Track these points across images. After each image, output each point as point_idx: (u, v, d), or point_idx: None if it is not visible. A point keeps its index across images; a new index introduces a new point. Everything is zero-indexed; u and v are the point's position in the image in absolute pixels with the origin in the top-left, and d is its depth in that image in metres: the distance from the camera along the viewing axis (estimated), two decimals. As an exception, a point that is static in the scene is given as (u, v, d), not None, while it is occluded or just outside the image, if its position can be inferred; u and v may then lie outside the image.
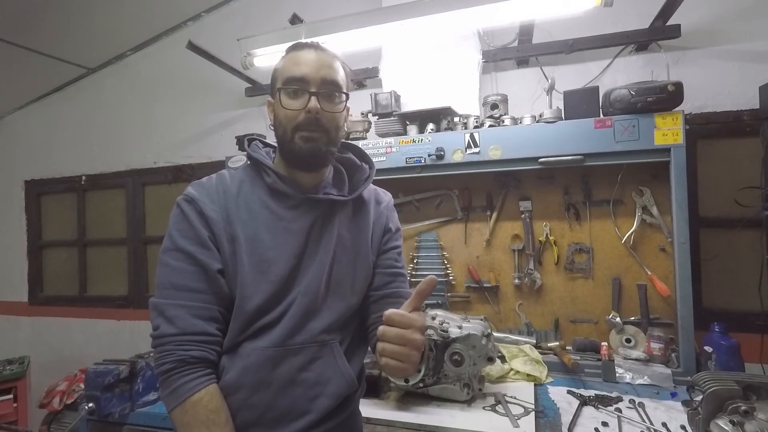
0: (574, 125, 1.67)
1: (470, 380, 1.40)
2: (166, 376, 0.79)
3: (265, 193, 0.90)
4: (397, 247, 1.05)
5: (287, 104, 0.87)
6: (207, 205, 0.85)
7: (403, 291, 1.01)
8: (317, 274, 0.89)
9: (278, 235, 0.87)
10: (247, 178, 0.93)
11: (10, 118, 3.54)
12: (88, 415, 1.48)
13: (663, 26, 1.87)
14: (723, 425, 1.05)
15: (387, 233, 1.03)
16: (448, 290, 2.05)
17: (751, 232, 1.80)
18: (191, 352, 0.79)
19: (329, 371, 0.88)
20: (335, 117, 0.89)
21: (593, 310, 1.85)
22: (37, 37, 2.76)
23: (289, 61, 0.89)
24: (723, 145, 1.92)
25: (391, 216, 1.06)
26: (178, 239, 0.84)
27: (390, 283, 1.00)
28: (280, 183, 0.89)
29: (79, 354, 3.14)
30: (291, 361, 0.85)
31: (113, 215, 3.20)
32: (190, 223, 0.84)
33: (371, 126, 2.06)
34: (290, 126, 0.87)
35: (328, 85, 0.88)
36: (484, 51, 2.09)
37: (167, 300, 0.81)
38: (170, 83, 2.98)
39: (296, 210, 0.90)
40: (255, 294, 0.84)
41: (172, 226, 0.86)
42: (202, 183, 0.90)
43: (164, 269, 0.84)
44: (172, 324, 0.80)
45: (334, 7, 2.19)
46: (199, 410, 0.77)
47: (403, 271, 1.04)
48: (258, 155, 0.93)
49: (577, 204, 1.88)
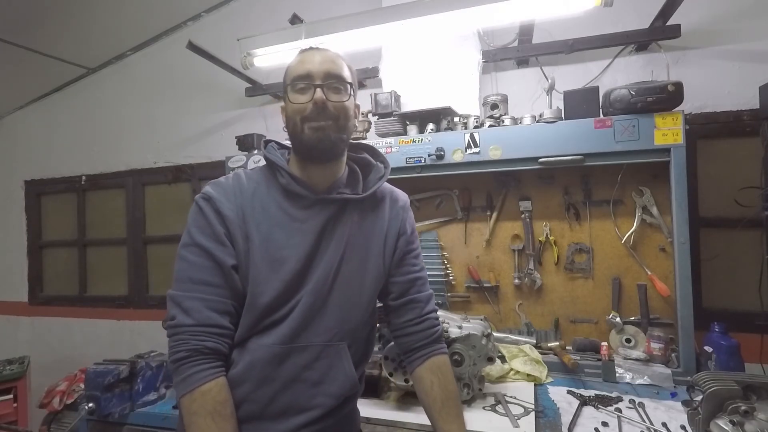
0: (574, 125, 1.67)
1: (470, 380, 1.40)
2: (179, 364, 0.81)
3: (279, 194, 0.92)
4: (414, 249, 1.06)
5: (295, 99, 0.90)
6: (224, 204, 0.88)
7: (421, 296, 1.04)
8: (325, 272, 0.90)
9: (292, 235, 0.89)
10: (263, 179, 0.95)
11: (10, 118, 3.54)
12: (88, 415, 1.48)
13: (663, 26, 1.87)
14: (723, 425, 1.05)
15: (403, 235, 1.03)
16: (448, 290, 2.05)
17: (751, 232, 1.80)
18: (205, 343, 0.82)
19: (334, 371, 0.90)
20: (343, 106, 0.91)
21: (593, 310, 1.85)
22: (37, 37, 2.76)
23: (295, 63, 0.93)
24: (723, 145, 1.92)
25: (407, 217, 1.07)
26: (196, 235, 0.87)
27: (409, 289, 1.03)
28: (294, 184, 0.91)
29: (79, 354, 3.14)
30: (296, 359, 0.87)
31: (113, 215, 3.20)
32: (208, 221, 0.87)
33: (371, 126, 2.06)
34: (299, 118, 0.89)
35: (332, 78, 0.90)
36: (484, 51, 2.09)
37: (184, 292, 0.84)
38: (170, 83, 2.98)
39: (309, 210, 0.92)
40: (266, 291, 0.86)
41: (190, 223, 0.89)
42: (219, 182, 0.93)
43: (182, 263, 0.87)
44: (188, 315, 0.82)
45: (334, 7, 2.18)
46: (207, 400, 0.79)
47: (420, 273, 1.06)
48: (273, 157, 0.95)
49: (577, 204, 1.88)
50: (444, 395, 0.97)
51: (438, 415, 0.96)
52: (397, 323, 1.03)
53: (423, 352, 1.01)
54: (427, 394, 0.98)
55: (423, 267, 1.07)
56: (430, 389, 0.97)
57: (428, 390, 0.97)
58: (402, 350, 1.05)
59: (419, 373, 1.00)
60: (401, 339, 1.04)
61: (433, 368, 0.99)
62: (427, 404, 0.98)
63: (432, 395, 0.97)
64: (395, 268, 1.02)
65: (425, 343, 1.01)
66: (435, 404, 0.96)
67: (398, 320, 1.03)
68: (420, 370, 1.00)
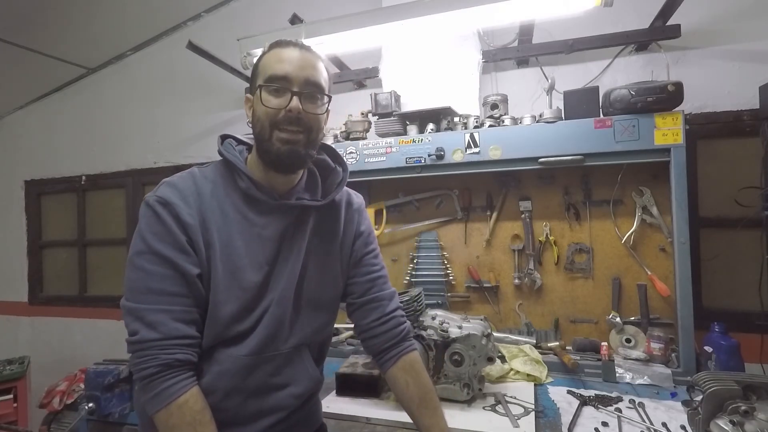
0: (574, 125, 1.67)
1: (470, 380, 1.40)
2: (148, 380, 0.77)
3: (238, 197, 0.88)
4: (372, 250, 1.06)
5: (268, 102, 0.84)
6: (183, 210, 0.82)
7: (383, 294, 1.03)
8: (289, 283, 0.90)
9: (251, 242, 0.87)
10: (219, 179, 0.89)
11: (10, 118, 3.55)
12: (88, 415, 1.48)
13: (663, 26, 1.87)
14: (723, 425, 1.05)
15: (358, 237, 1.03)
16: (448, 290, 2.05)
17: (751, 232, 1.79)
18: (175, 356, 0.78)
19: (298, 374, 0.93)
20: (317, 118, 0.88)
21: (593, 310, 1.85)
22: (37, 37, 2.76)
23: (272, 58, 0.86)
24: (723, 145, 1.92)
25: (362, 219, 1.06)
26: (154, 243, 0.80)
27: (369, 289, 1.03)
28: (254, 189, 0.87)
29: (79, 354, 3.14)
30: (264, 368, 0.88)
31: (113, 215, 3.20)
32: (167, 228, 0.80)
33: (371, 126, 2.06)
34: (268, 123, 0.84)
35: (311, 86, 0.86)
36: (484, 51, 2.09)
37: (145, 305, 0.79)
38: (170, 83, 2.98)
39: (269, 216, 0.89)
40: (228, 300, 0.84)
41: (143, 229, 0.81)
42: (175, 184, 0.85)
43: (138, 273, 0.80)
44: (153, 329, 0.78)
45: (334, 7, 2.18)
46: (185, 412, 0.78)
47: (381, 272, 1.05)
48: (231, 156, 0.89)
49: (577, 204, 1.88)
50: (421, 392, 0.98)
51: (417, 412, 0.97)
52: (362, 325, 1.02)
53: (393, 352, 1.01)
54: (403, 393, 0.99)
55: (383, 266, 1.07)
56: (406, 388, 0.98)
57: (404, 389, 0.99)
58: (372, 353, 1.04)
59: (393, 373, 1.00)
60: (369, 341, 1.03)
61: (406, 367, 1.00)
62: (406, 403, 0.99)
63: (409, 394, 0.98)
64: (354, 268, 1.02)
65: (394, 342, 1.01)
66: (413, 402, 0.98)
67: (363, 321, 1.02)
68: (393, 371, 1.00)
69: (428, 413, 0.97)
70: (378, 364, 1.04)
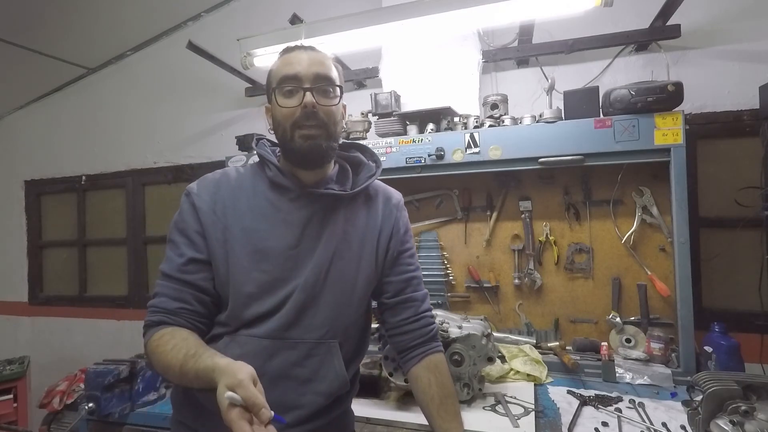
0: (574, 125, 1.67)
1: (470, 380, 1.40)
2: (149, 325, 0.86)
3: (266, 186, 0.93)
4: (409, 249, 1.06)
5: (283, 103, 0.88)
6: (200, 197, 0.91)
7: (417, 294, 1.03)
8: (316, 269, 0.90)
9: (275, 226, 0.90)
10: (252, 174, 0.96)
11: (10, 118, 3.54)
12: (88, 415, 1.48)
13: (663, 26, 1.87)
14: (723, 425, 1.05)
15: (396, 234, 1.02)
16: (448, 290, 2.05)
17: (751, 232, 1.80)
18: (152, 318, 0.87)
19: (324, 370, 0.90)
20: (332, 111, 0.90)
21: (593, 310, 1.85)
22: (37, 37, 2.76)
23: (282, 63, 0.91)
24: (723, 145, 1.92)
25: (401, 216, 1.06)
26: (172, 230, 0.92)
27: (404, 288, 1.02)
28: (281, 176, 0.92)
29: (79, 354, 3.14)
30: (285, 355, 0.87)
31: (113, 215, 3.20)
32: (183, 215, 0.91)
33: (371, 126, 2.06)
34: (288, 124, 0.88)
35: (321, 80, 0.89)
36: (484, 51, 2.09)
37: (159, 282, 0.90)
38: (170, 83, 2.98)
39: (296, 203, 0.92)
40: (247, 281, 0.87)
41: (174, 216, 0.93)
42: (205, 177, 0.95)
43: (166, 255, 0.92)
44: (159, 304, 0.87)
45: (334, 7, 2.18)
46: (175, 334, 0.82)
47: (416, 273, 1.05)
48: (263, 151, 0.95)
49: (577, 204, 1.88)
50: (442, 393, 0.96)
51: (436, 413, 0.95)
52: (392, 322, 1.03)
53: (419, 351, 1.00)
54: (424, 392, 0.97)
55: (418, 266, 1.07)
56: (428, 387, 0.97)
57: (426, 388, 0.97)
58: (398, 349, 1.04)
59: (416, 371, 0.99)
60: (397, 338, 1.03)
61: (431, 366, 0.99)
62: (425, 402, 0.97)
63: (430, 393, 0.96)
64: (390, 267, 1.02)
65: (422, 341, 1.01)
66: (433, 402, 0.95)
67: (394, 319, 1.02)
68: (417, 369, 0.99)
69: (448, 417, 0.94)
70: (402, 361, 1.03)
